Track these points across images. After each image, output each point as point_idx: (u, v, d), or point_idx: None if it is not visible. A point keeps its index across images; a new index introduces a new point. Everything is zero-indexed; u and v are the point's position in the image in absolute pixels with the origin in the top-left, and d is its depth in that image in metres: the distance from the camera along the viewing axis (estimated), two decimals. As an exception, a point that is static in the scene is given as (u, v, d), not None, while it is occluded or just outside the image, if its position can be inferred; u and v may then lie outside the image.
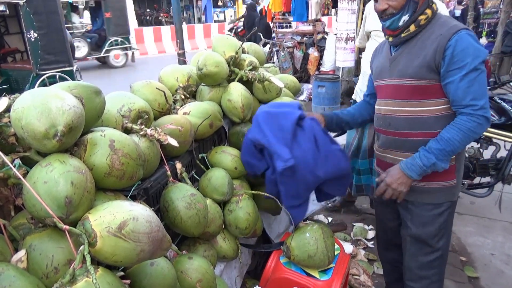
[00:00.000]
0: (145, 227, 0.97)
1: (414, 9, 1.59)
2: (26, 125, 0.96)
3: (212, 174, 1.77)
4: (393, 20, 1.61)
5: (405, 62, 1.65)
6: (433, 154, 1.57)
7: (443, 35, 1.54)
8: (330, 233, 1.75)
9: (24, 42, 6.76)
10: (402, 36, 1.64)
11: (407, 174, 1.63)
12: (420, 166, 1.59)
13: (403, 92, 1.66)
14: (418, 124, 1.66)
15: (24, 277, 0.82)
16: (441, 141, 1.56)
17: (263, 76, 2.11)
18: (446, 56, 1.52)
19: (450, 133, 1.55)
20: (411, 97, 1.65)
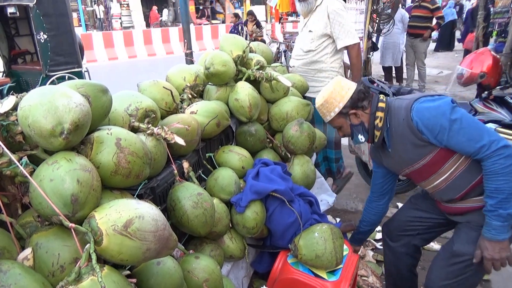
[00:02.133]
0: (151, 226, 0.96)
1: (362, 128, 1.66)
2: (32, 123, 0.96)
3: (219, 173, 1.76)
4: (355, 140, 1.69)
5: (404, 155, 1.65)
6: (496, 209, 1.47)
7: (405, 119, 1.55)
8: (340, 234, 1.73)
9: (34, 44, 6.82)
10: (377, 142, 1.69)
11: (498, 239, 1.50)
12: (500, 225, 1.48)
13: (426, 170, 1.63)
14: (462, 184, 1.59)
15: (30, 275, 0.82)
16: (491, 194, 1.48)
17: (271, 75, 2.10)
18: (422, 131, 1.51)
19: (492, 182, 1.47)
20: (435, 170, 1.61)
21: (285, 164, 2.07)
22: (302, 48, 3.06)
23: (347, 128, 1.69)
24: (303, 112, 2.24)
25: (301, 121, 2.11)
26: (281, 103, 2.25)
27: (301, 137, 2.07)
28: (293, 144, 2.09)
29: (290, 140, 2.09)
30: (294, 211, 1.76)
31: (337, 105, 1.64)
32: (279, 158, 2.19)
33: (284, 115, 2.21)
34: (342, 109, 1.64)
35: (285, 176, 1.88)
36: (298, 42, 3.18)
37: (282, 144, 2.19)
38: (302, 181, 2.08)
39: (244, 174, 1.89)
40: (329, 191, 2.80)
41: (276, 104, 2.26)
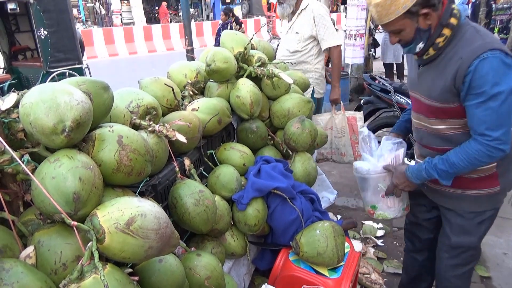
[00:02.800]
0: (154, 224, 0.96)
1: (427, 36, 1.48)
2: (34, 120, 0.95)
3: (220, 171, 1.76)
4: (409, 48, 1.54)
5: (430, 83, 1.57)
6: (436, 172, 1.56)
7: (464, 59, 1.41)
8: (341, 232, 1.73)
9: (35, 40, 6.81)
10: (424, 59, 1.56)
11: (412, 181, 1.67)
12: (423, 178, 1.63)
13: (430, 110, 1.60)
14: (449, 141, 1.59)
15: (32, 273, 0.82)
16: (446, 163, 1.53)
17: (272, 72, 2.09)
18: (465, 82, 1.41)
19: (457, 157, 1.50)
20: (438, 116, 1.58)
21: (286, 161, 2.07)
22: (288, 49, 3.27)
23: (410, 32, 1.47)
24: (305, 109, 2.23)
25: (303, 118, 2.10)
26: (283, 100, 2.25)
27: (302, 134, 2.06)
28: (294, 141, 2.08)
29: (291, 137, 2.09)
30: (295, 209, 1.76)
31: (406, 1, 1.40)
32: (280, 155, 2.18)
33: (285, 112, 2.21)
34: (412, 7, 1.41)
35: (286, 173, 1.88)
36: (283, 43, 3.37)
37: (283, 141, 2.19)
38: (303, 178, 2.08)
39: (245, 171, 1.89)
40: (330, 188, 2.80)
41: (278, 101, 2.26)
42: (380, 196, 1.83)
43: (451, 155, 1.53)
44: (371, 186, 1.84)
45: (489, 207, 1.66)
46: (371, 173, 1.81)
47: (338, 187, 3.41)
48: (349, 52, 6.88)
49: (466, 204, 1.66)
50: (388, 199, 1.84)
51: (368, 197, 1.88)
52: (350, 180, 3.97)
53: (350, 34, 6.78)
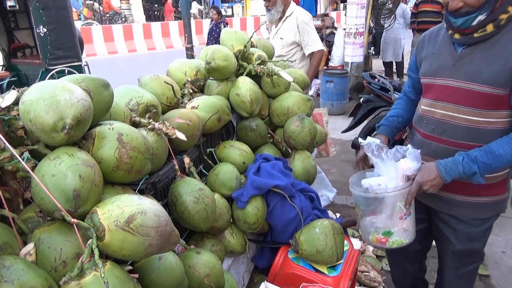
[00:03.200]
0: (153, 221, 0.96)
1: (493, 7, 1.35)
2: (34, 117, 0.95)
3: (220, 169, 1.76)
4: (467, 19, 1.38)
5: (478, 65, 1.43)
6: (477, 165, 1.40)
7: None
8: (340, 230, 1.73)
9: (34, 37, 6.80)
10: (475, 37, 1.42)
11: (443, 177, 1.45)
12: (460, 173, 1.43)
13: (469, 98, 1.46)
14: (480, 136, 1.47)
15: (33, 270, 0.82)
16: (490, 155, 1.39)
17: (272, 70, 2.09)
18: None
19: (504, 149, 1.38)
20: (477, 105, 1.45)
21: (286, 159, 2.07)
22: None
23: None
24: (304, 107, 2.23)
25: (302, 116, 2.10)
26: (282, 98, 2.25)
27: (302, 133, 2.06)
28: (294, 139, 2.09)
29: (291, 136, 2.09)
30: (295, 207, 1.76)
31: None
32: (280, 153, 2.18)
33: (285, 110, 2.21)
34: None
35: (286, 171, 1.88)
36: None
37: (283, 140, 2.19)
38: (303, 176, 2.08)
39: (245, 170, 1.89)
40: (330, 186, 2.80)
41: (277, 99, 2.26)
42: (397, 218, 1.53)
43: (496, 147, 1.39)
44: (388, 207, 1.52)
45: (495, 213, 1.63)
46: (390, 190, 1.49)
47: (337, 185, 3.41)
48: (348, 50, 6.89)
49: (472, 211, 1.60)
50: (405, 221, 1.55)
51: (381, 221, 1.55)
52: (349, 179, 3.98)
53: (349, 33, 6.79)
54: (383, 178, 1.52)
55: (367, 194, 1.54)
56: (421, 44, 1.72)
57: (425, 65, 1.65)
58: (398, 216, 1.53)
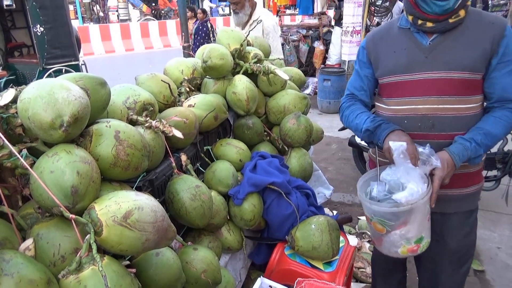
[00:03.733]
0: (150, 217, 0.98)
1: None
2: (32, 115, 0.97)
3: (216, 166, 1.78)
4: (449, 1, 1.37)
5: (455, 53, 1.45)
6: (482, 149, 1.44)
7: (495, 24, 1.41)
8: (336, 226, 1.75)
9: (31, 37, 6.78)
10: (450, 22, 1.42)
11: (456, 165, 1.44)
12: (468, 158, 1.45)
13: (451, 87, 1.47)
14: (465, 123, 1.49)
15: (32, 264, 0.84)
16: (489, 136, 1.43)
17: (268, 68, 2.11)
18: (501, 46, 1.40)
19: (498, 129, 1.43)
20: (459, 93, 1.47)
21: (282, 157, 2.09)
22: None
23: None
24: (300, 105, 2.25)
25: (298, 114, 2.12)
26: (278, 96, 2.26)
27: (298, 130, 2.08)
28: (290, 137, 2.10)
29: (287, 133, 2.11)
30: (291, 204, 1.78)
31: None
32: (276, 151, 2.20)
33: (281, 108, 2.23)
34: None
35: (282, 168, 1.90)
36: None
37: (279, 137, 2.21)
38: (299, 173, 2.10)
39: (241, 167, 1.90)
40: (326, 184, 2.82)
41: (274, 98, 2.27)
42: (427, 220, 1.49)
43: (491, 128, 1.44)
44: (421, 212, 1.44)
45: (477, 204, 1.67)
46: (424, 196, 1.40)
47: (334, 183, 3.44)
48: (345, 49, 6.91)
49: (462, 204, 1.62)
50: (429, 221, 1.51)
51: (413, 230, 1.46)
52: (346, 176, 4.01)
53: (346, 31, 6.81)
54: (412, 185, 1.41)
55: (401, 207, 1.40)
56: (371, 44, 1.65)
57: (387, 64, 1.59)
58: (427, 218, 1.49)
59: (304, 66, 8.00)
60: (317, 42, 7.68)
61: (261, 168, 1.82)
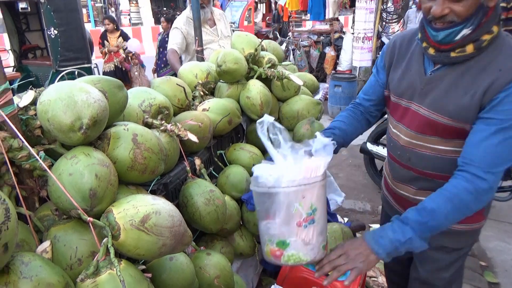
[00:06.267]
0: (167, 221, 0.97)
1: (479, 21, 1.14)
2: (52, 117, 0.97)
3: (230, 171, 1.77)
4: (451, 32, 1.15)
5: (445, 95, 1.24)
6: (410, 227, 1.16)
7: (504, 71, 1.13)
8: (350, 234, 1.73)
9: (44, 39, 6.89)
10: (452, 56, 1.20)
11: (372, 249, 1.18)
12: (391, 240, 1.16)
13: (434, 128, 1.29)
14: (447, 164, 1.29)
15: (50, 267, 0.83)
16: (423, 212, 1.17)
17: (282, 73, 2.10)
18: (497, 99, 1.13)
19: (436, 202, 1.16)
20: (443, 135, 1.28)
21: None
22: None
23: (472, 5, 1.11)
24: (314, 111, 2.24)
25: (312, 120, 2.11)
26: (292, 101, 2.25)
27: (312, 136, 2.06)
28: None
29: (300, 139, 2.09)
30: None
31: None
32: (289, 156, 2.18)
33: (295, 114, 2.21)
34: None
35: None
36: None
37: (292, 143, 2.19)
38: (312, 180, 2.08)
39: (254, 172, 1.89)
40: (338, 190, 2.80)
41: (287, 103, 2.26)
42: (295, 224, 1.15)
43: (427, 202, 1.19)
44: (282, 207, 1.13)
45: (469, 243, 1.47)
46: (284, 184, 1.12)
47: (344, 190, 3.40)
48: (356, 55, 6.89)
49: (444, 239, 1.40)
50: (306, 230, 1.16)
51: (274, 227, 1.17)
52: (357, 183, 3.97)
53: (358, 37, 6.79)
54: (278, 166, 1.15)
55: (259, 188, 1.17)
56: (391, 48, 1.47)
57: (394, 80, 1.43)
58: (296, 221, 1.14)
59: (314, 71, 7.99)
60: (328, 47, 7.67)
61: None
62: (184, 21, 3.43)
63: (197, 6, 2.92)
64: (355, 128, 1.61)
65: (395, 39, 1.48)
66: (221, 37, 3.56)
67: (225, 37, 3.55)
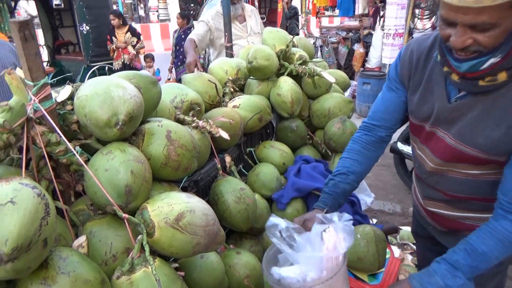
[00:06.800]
0: (202, 220, 0.95)
1: (508, 49, 0.99)
2: (89, 113, 0.97)
3: (260, 169, 1.74)
4: (477, 63, 1.01)
5: (474, 127, 1.12)
6: (462, 271, 1.09)
7: None
8: (383, 237, 1.67)
9: (77, 35, 7.07)
10: (481, 85, 1.06)
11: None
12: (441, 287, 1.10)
13: (463, 158, 1.18)
14: (480, 187, 1.21)
15: (87, 263, 0.83)
16: (473, 255, 1.09)
17: (314, 70, 2.05)
18: None
19: (488, 244, 1.08)
20: (474, 163, 1.17)
21: (326, 162, 2.03)
22: None
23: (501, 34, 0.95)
24: (346, 109, 2.18)
25: (344, 118, 2.06)
26: (323, 99, 2.20)
27: (343, 135, 2.02)
28: (335, 141, 2.04)
29: (332, 138, 2.04)
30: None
31: None
32: (319, 155, 2.14)
33: (326, 112, 2.16)
34: None
35: (327, 174, 1.84)
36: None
37: (322, 141, 2.15)
38: (342, 180, 2.03)
39: (284, 171, 1.86)
40: (367, 190, 2.72)
41: (318, 100, 2.22)
42: None
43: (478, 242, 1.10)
44: None
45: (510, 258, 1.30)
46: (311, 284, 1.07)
47: (373, 190, 3.31)
48: (386, 52, 6.71)
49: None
50: None
51: None
52: (386, 183, 3.88)
53: (388, 34, 6.61)
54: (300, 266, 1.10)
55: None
56: (407, 61, 1.29)
57: (413, 103, 1.29)
58: None
59: (342, 68, 7.85)
60: (357, 44, 7.50)
61: (305, 172, 1.77)
62: (213, 16, 3.40)
63: (227, 2, 2.90)
64: (368, 167, 1.47)
65: (411, 49, 1.29)
66: (250, 33, 3.51)
67: (255, 34, 3.49)
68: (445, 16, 1.00)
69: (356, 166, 1.41)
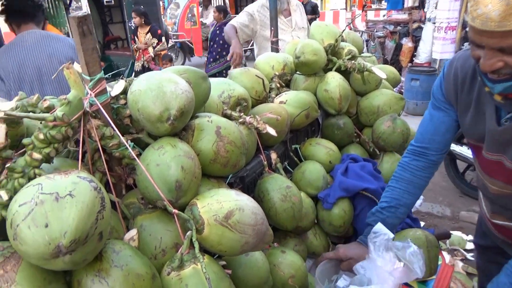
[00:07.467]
0: (251, 219, 0.93)
1: None
2: (142, 107, 0.98)
3: (306, 167, 1.71)
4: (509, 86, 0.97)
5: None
6: None
7: None
8: (435, 243, 1.58)
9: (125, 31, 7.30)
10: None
11: None
12: None
13: None
14: None
15: (139, 257, 0.84)
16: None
17: (364, 66, 1.97)
18: None
19: None
20: None
21: (375, 161, 1.95)
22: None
23: None
24: (396, 106, 2.08)
25: (395, 116, 1.96)
26: (372, 96, 2.11)
27: (393, 134, 1.93)
28: (384, 140, 1.95)
29: (381, 136, 1.96)
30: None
31: None
32: (366, 154, 2.07)
33: (375, 109, 2.08)
34: None
35: (376, 174, 1.77)
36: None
37: (370, 140, 2.07)
38: (391, 180, 1.95)
39: (331, 169, 1.81)
40: (416, 192, 2.61)
41: (367, 97, 2.13)
42: None
43: None
44: None
45: None
46: None
47: (421, 191, 3.18)
48: (437, 46, 6.38)
49: None
50: None
51: None
52: (435, 185, 3.69)
53: (440, 27, 6.29)
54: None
55: None
56: (451, 79, 1.23)
57: (465, 124, 1.25)
58: None
59: (389, 64, 7.58)
60: (406, 38, 7.20)
61: (353, 172, 1.71)
62: (258, 8, 3.37)
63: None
64: (419, 196, 1.46)
65: (455, 68, 1.23)
66: (294, 28, 3.46)
67: (299, 29, 3.43)
68: (472, 39, 0.97)
69: (407, 198, 1.40)
